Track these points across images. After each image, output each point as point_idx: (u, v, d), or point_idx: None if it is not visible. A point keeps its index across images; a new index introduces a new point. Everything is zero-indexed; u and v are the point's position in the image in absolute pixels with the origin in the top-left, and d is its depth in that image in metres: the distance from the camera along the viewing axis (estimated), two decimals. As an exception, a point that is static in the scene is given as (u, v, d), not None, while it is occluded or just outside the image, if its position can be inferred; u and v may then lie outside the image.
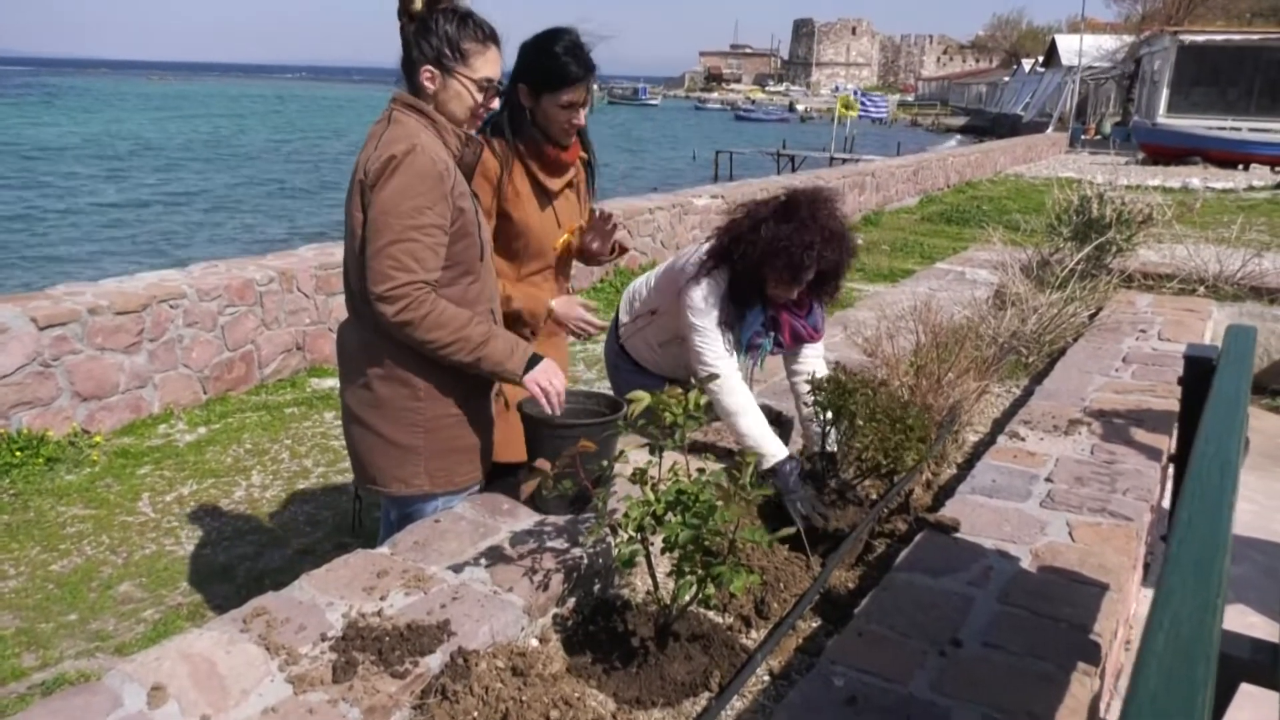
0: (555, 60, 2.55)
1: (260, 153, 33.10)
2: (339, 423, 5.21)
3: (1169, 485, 3.32)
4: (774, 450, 2.71)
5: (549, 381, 2.29)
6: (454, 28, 2.18)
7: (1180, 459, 1.70)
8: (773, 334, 2.88)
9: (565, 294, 2.85)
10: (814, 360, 3.02)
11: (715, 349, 2.76)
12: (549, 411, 2.32)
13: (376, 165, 2.12)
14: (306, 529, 4.07)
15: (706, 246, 2.83)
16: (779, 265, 2.65)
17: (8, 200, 19.65)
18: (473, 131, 2.34)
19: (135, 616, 3.37)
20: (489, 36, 2.23)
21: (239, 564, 3.76)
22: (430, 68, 2.19)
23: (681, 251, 3.01)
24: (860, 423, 2.77)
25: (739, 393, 2.75)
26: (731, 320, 2.79)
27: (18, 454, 4.38)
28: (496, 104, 2.32)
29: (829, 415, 2.82)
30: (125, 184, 23.21)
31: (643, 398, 2.05)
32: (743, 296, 2.77)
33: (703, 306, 2.76)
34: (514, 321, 2.63)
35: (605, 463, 2.16)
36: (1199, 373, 1.65)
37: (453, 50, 2.19)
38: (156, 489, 4.38)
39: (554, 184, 2.70)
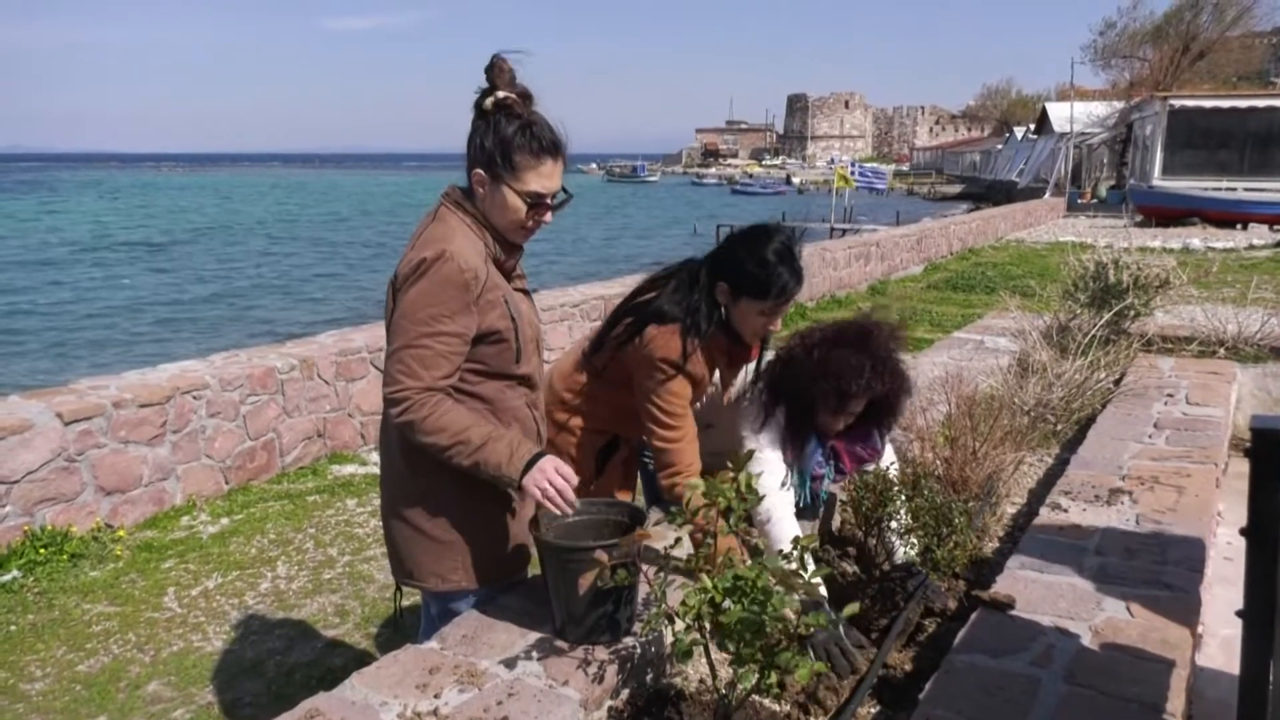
0: (767, 269, 2.45)
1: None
2: (361, 510, 5.19)
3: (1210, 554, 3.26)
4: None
5: (549, 480, 2.09)
6: (512, 132, 2.09)
7: (1254, 532, 1.66)
8: (832, 462, 2.85)
9: None
10: None
11: (772, 481, 2.62)
12: (556, 512, 2.12)
13: (408, 268, 2.10)
14: (335, 620, 4.00)
15: (763, 382, 2.74)
16: (826, 390, 2.57)
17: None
18: (521, 242, 2.24)
19: (165, 717, 3.29)
20: (546, 149, 2.11)
21: (269, 659, 3.68)
22: (481, 171, 2.14)
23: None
24: (911, 537, 2.69)
25: (786, 524, 2.62)
26: (795, 454, 2.72)
27: (41, 551, 4.34)
28: (549, 218, 2.19)
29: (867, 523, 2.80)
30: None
31: (698, 484, 2.03)
32: (796, 425, 2.69)
33: (757, 433, 2.68)
34: None
35: (628, 579, 2.04)
36: (1269, 444, 1.62)
37: (504, 159, 2.09)
38: (181, 583, 4.32)
39: (730, 375, 2.80)
